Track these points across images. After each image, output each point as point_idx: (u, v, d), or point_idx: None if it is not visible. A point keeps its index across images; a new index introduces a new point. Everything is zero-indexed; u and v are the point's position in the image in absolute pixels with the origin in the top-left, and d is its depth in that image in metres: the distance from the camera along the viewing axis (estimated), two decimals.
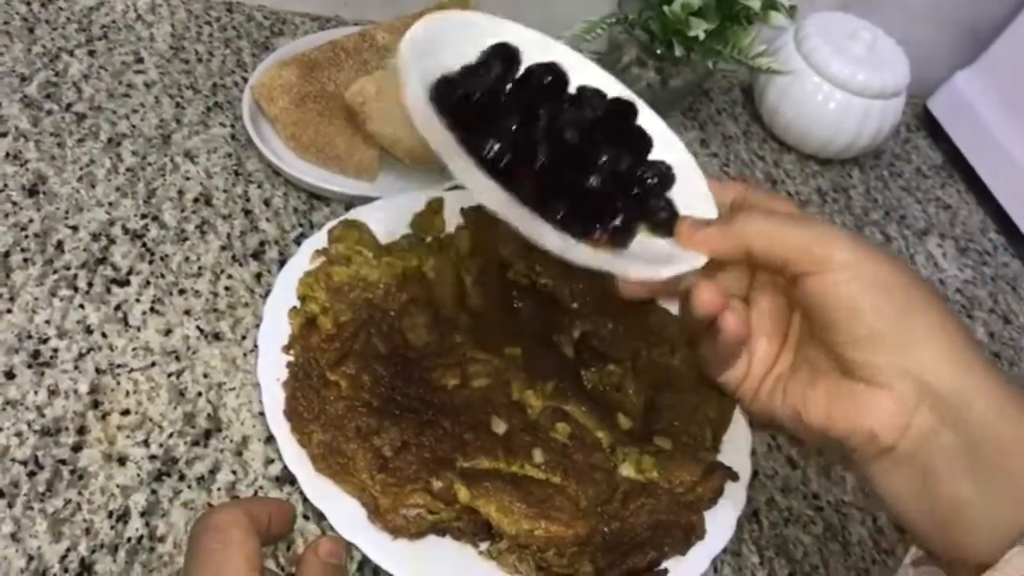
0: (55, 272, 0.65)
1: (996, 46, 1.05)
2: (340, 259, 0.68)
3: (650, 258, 0.48)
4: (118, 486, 0.57)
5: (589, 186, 0.50)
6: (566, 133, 0.51)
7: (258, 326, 0.65)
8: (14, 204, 0.68)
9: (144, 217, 0.71)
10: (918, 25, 1.06)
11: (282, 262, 0.70)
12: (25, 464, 0.56)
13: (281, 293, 0.66)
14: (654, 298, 0.51)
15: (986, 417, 0.42)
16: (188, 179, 0.74)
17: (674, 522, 0.61)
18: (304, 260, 0.68)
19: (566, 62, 0.55)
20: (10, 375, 0.60)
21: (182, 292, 0.67)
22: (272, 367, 0.62)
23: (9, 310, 0.62)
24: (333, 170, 0.77)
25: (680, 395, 0.68)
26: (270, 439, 0.60)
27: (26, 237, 0.67)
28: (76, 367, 0.61)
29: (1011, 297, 0.94)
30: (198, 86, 0.82)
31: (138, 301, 0.66)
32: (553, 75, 0.53)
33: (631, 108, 0.55)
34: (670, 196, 0.52)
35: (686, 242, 0.48)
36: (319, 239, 0.69)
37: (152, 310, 0.65)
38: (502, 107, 0.51)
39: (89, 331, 0.63)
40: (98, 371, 0.61)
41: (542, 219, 0.45)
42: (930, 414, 0.43)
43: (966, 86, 1.07)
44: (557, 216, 0.47)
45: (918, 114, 1.13)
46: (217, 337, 0.65)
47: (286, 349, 0.63)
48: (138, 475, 0.57)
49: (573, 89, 0.54)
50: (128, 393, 0.61)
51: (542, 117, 0.51)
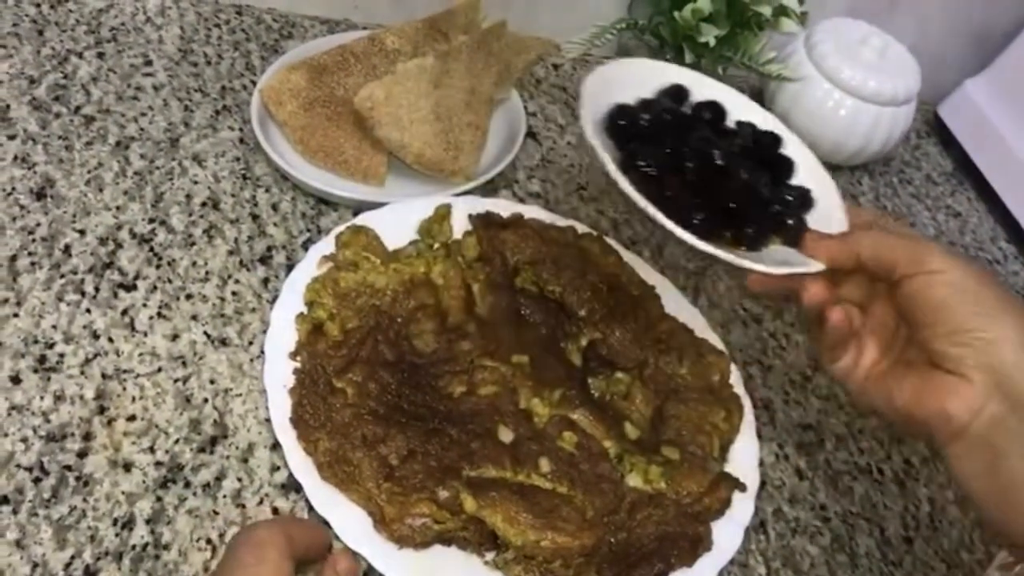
0: (62, 276, 0.65)
1: (1007, 53, 1.04)
2: (347, 265, 0.68)
3: (779, 261, 0.58)
4: (123, 493, 0.56)
5: (727, 199, 0.62)
6: (714, 156, 0.64)
7: (265, 332, 0.64)
8: (22, 208, 0.68)
9: (152, 221, 0.70)
10: (929, 32, 1.06)
11: (290, 267, 0.70)
12: (30, 470, 0.56)
13: (288, 299, 0.66)
14: (782, 293, 0.61)
15: None
16: (196, 183, 0.74)
17: (681, 533, 0.61)
18: (311, 266, 0.68)
19: (730, 101, 0.69)
20: (16, 380, 0.59)
21: (189, 297, 0.67)
22: (279, 373, 0.62)
23: (16, 314, 0.62)
24: (341, 175, 0.77)
25: (688, 405, 0.68)
26: (276, 446, 0.60)
27: (33, 241, 0.66)
28: (82, 372, 0.61)
29: None
30: (207, 89, 0.82)
31: (145, 306, 0.65)
32: (712, 111, 0.68)
33: (776, 139, 0.67)
34: (805, 215, 0.63)
35: (810, 251, 0.58)
36: (327, 245, 0.69)
37: (159, 315, 0.65)
38: (663, 132, 0.64)
39: (96, 336, 0.63)
40: (104, 376, 0.61)
41: (676, 221, 0.57)
42: (1002, 402, 0.49)
43: (977, 93, 1.06)
44: (694, 220, 0.59)
45: (928, 121, 1.13)
46: (224, 343, 0.65)
47: (293, 355, 0.63)
48: (143, 482, 0.57)
49: (732, 123, 0.68)
50: (134, 399, 0.61)
51: (694, 141, 0.64)
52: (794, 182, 0.66)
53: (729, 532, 0.63)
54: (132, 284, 0.66)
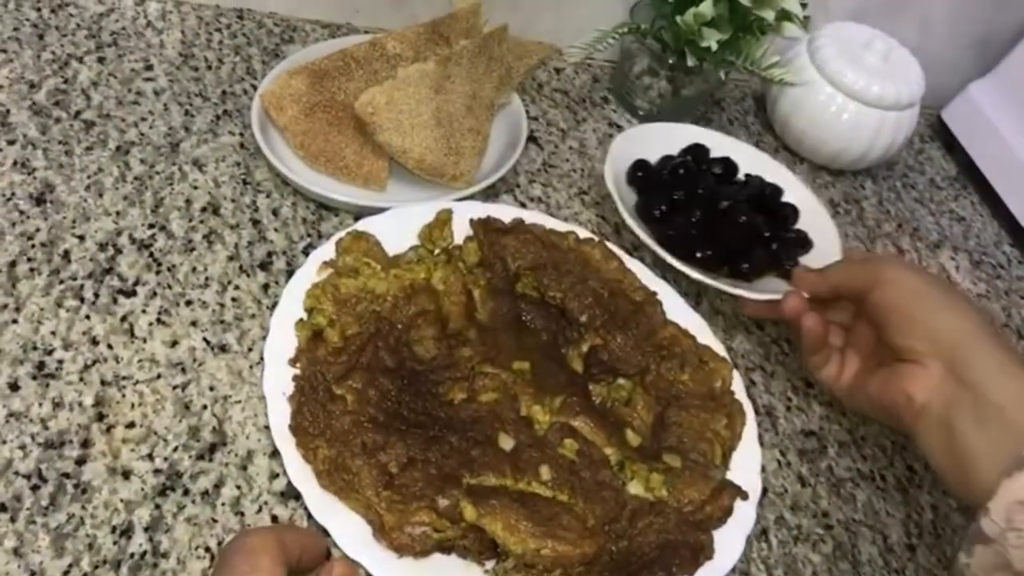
0: (61, 282, 0.65)
1: (1011, 57, 1.04)
2: (348, 271, 0.68)
3: (771, 291, 0.74)
4: (122, 500, 0.56)
5: (729, 239, 0.78)
6: (719, 203, 0.80)
7: (265, 338, 0.64)
8: (21, 213, 0.68)
9: (152, 227, 0.70)
10: (932, 35, 1.06)
11: (290, 273, 0.70)
12: (28, 478, 0.56)
13: (288, 305, 0.66)
14: (773, 317, 0.75)
15: (989, 376, 0.57)
16: (196, 188, 0.74)
17: (682, 541, 0.60)
18: (312, 271, 0.68)
19: (743, 156, 0.87)
20: (15, 387, 0.59)
21: (189, 303, 0.67)
22: (278, 380, 0.62)
23: (15, 320, 0.62)
24: (342, 180, 0.77)
25: (690, 412, 0.67)
26: (275, 453, 0.59)
27: (33, 247, 0.66)
28: (81, 379, 0.61)
29: None
30: (207, 94, 0.82)
31: (144, 312, 0.65)
32: (724, 165, 0.85)
33: (777, 190, 0.84)
34: (803, 255, 0.79)
35: (795, 283, 0.70)
36: (327, 250, 0.69)
37: (158, 321, 0.65)
38: (676, 182, 0.81)
39: (95, 342, 0.63)
40: (103, 383, 0.61)
41: (679, 256, 0.74)
42: (954, 383, 0.58)
43: (980, 97, 1.06)
44: (698, 255, 0.76)
45: (932, 125, 1.12)
46: (223, 349, 0.65)
47: (292, 362, 0.63)
48: (142, 489, 0.57)
49: (743, 175, 0.85)
50: (133, 406, 0.60)
51: (705, 191, 0.80)
52: (799, 226, 0.81)
53: (731, 540, 0.62)
54: (131, 290, 0.66)
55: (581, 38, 0.89)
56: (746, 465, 0.67)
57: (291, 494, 0.59)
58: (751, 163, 0.86)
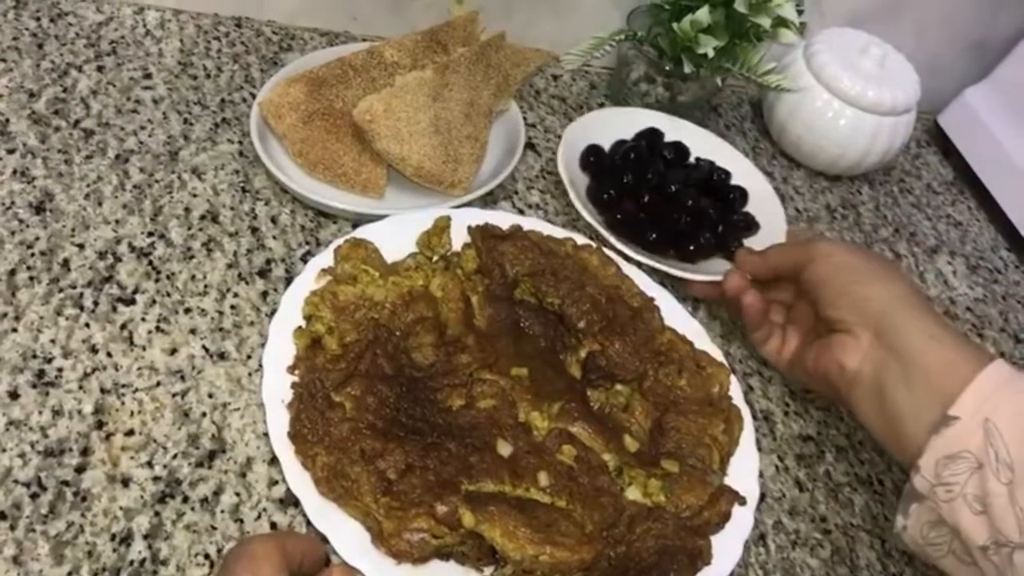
0: (61, 291, 0.65)
1: (1007, 62, 1.05)
2: (346, 278, 0.68)
3: (713, 272, 0.77)
4: (121, 508, 0.56)
5: (677, 222, 0.81)
6: (669, 186, 0.82)
7: (263, 345, 0.64)
8: (20, 222, 0.68)
9: (151, 235, 0.71)
10: (928, 41, 1.06)
11: (288, 280, 0.70)
12: (28, 486, 0.56)
13: (287, 312, 0.66)
14: (719, 298, 0.77)
15: (916, 341, 0.60)
16: (195, 196, 0.74)
17: (680, 547, 0.60)
18: (310, 279, 0.68)
19: (696, 141, 0.88)
20: (14, 395, 0.59)
21: (188, 311, 0.67)
22: (277, 387, 0.62)
23: (14, 329, 0.62)
24: (340, 187, 0.77)
25: (687, 417, 0.67)
26: (274, 460, 0.60)
27: (32, 255, 0.67)
28: (81, 387, 0.61)
29: (1022, 316, 0.94)
30: (206, 102, 0.82)
31: (144, 320, 0.65)
32: (676, 149, 0.87)
33: (726, 173, 0.87)
34: (750, 236, 0.82)
35: (738, 264, 0.75)
36: (325, 258, 0.69)
37: (158, 329, 0.65)
38: (626, 166, 0.83)
39: (94, 350, 0.63)
40: (103, 391, 0.61)
41: (628, 239, 0.78)
42: (882, 349, 0.61)
43: (977, 102, 1.06)
44: (649, 237, 0.79)
45: (928, 130, 1.13)
46: (222, 356, 0.65)
47: (291, 369, 0.63)
48: (141, 497, 0.57)
49: (693, 159, 0.88)
50: (133, 413, 0.61)
51: (653, 175, 0.83)
52: (748, 209, 0.84)
53: (729, 545, 0.62)
54: (131, 298, 0.66)
55: (578, 45, 0.89)
56: (744, 470, 0.67)
57: (290, 501, 0.59)
58: (704, 147, 0.89)
